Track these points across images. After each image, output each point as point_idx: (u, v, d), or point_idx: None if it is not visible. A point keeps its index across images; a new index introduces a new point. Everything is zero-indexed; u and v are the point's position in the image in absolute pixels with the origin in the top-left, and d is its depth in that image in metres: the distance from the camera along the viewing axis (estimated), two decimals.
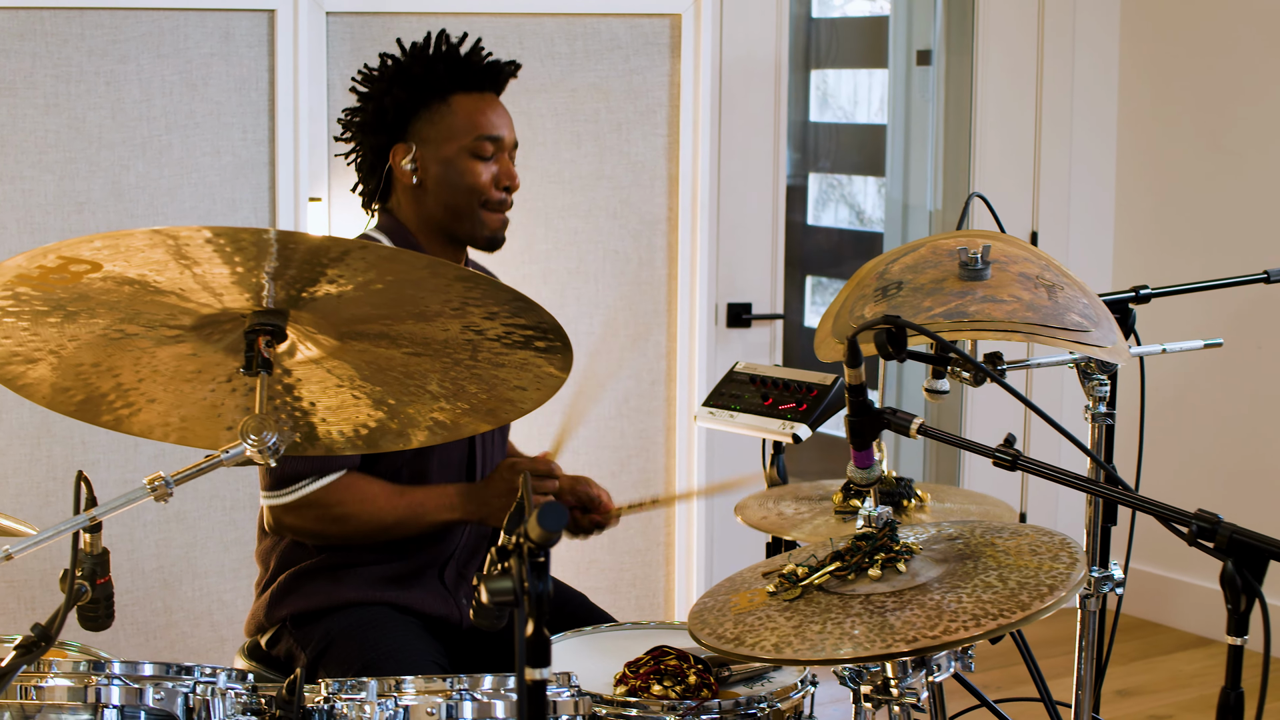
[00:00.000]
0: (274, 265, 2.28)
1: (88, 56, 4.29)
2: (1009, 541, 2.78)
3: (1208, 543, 2.37)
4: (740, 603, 2.78)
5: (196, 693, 2.51)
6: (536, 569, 1.88)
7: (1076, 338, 2.79)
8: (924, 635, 2.49)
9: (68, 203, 4.30)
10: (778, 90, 5.62)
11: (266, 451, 2.37)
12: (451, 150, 3.42)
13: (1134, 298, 3.46)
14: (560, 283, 4.79)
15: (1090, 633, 3.24)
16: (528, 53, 4.68)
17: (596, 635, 3.30)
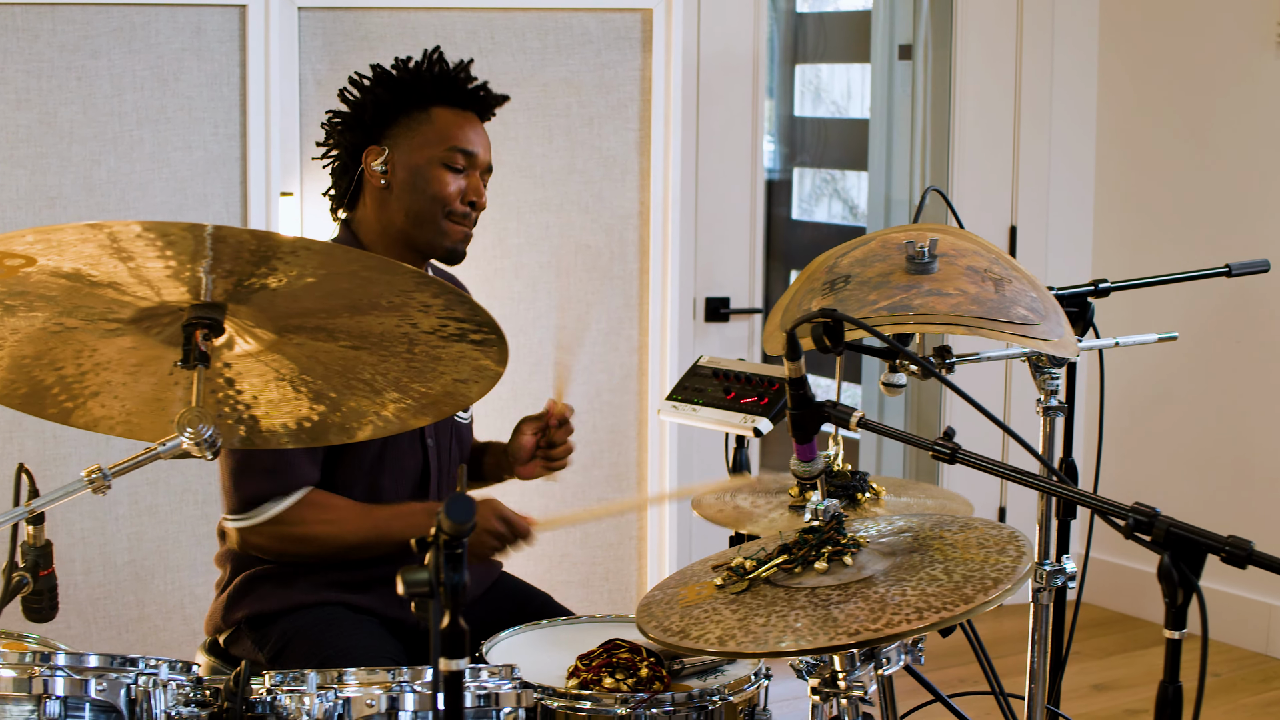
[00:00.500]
0: (210, 260, 2.29)
1: (59, 52, 4.30)
2: (957, 535, 2.79)
3: (1144, 536, 2.38)
4: (688, 596, 2.79)
5: (139, 684, 2.52)
6: (452, 561, 1.89)
7: (1021, 331, 2.80)
8: (866, 628, 2.50)
9: (39, 198, 4.32)
10: (756, 84, 5.62)
11: (203, 444, 2.39)
12: (423, 158, 3.41)
13: (1093, 291, 3.47)
14: (532, 277, 4.80)
15: (1043, 626, 3.25)
16: (499, 47, 4.69)
17: (553, 629, 3.31)
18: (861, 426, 2.65)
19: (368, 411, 2.63)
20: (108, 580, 4.49)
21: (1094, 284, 3.47)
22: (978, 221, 6.01)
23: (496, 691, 2.67)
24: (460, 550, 1.88)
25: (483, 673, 2.70)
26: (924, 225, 3.13)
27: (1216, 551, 2.33)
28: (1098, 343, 3.30)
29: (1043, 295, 2.96)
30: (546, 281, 4.81)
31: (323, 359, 2.53)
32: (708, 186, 5.60)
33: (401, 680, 2.61)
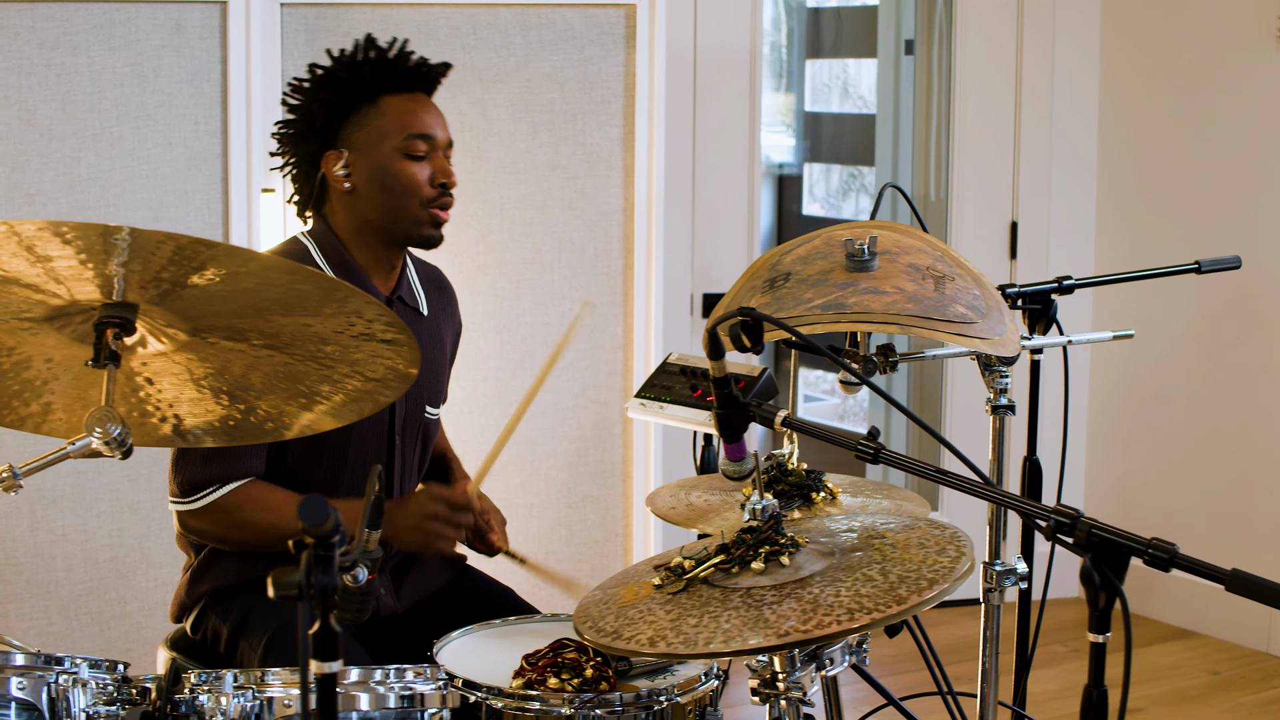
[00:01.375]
0: (122, 261, 2.29)
1: (38, 49, 4.31)
2: (900, 535, 2.76)
3: (1066, 538, 2.36)
4: (626, 595, 2.77)
5: (59, 683, 2.52)
6: (322, 563, 1.88)
7: (958, 329, 2.76)
8: (796, 629, 2.48)
9: (18, 195, 4.33)
10: (753, 78, 5.60)
11: (113, 444, 2.38)
12: (383, 152, 3.37)
13: (1057, 288, 3.44)
14: (516, 273, 4.79)
15: (994, 625, 3.21)
16: (482, 43, 4.68)
17: (506, 627, 3.29)
18: (786, 426, 2.63)
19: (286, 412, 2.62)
20: (89, 577, 4.50)
21: (1058, 281, 3.44)
22: (979, 217, 5.97)
23: (422, 691, 2.66)
24: (329, 554, 1.86)
25: (408, 673, 2.69)
26: (870, 223, 3.10)
27: (1140, 554, 2.31)
28: (1047, 340, 3.26)
29: (987, 293, 2.93)
30: (530, 278, 4.79)
31: (236, 360, 2.52)
32: (705, 181, 5.58)
33: None
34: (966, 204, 5.94)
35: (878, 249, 2.90)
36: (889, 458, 2.52)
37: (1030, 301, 3.42)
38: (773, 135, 7.46)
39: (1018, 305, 3.41)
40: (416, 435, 3.56)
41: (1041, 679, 5.24)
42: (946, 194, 6.01)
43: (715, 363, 2.61)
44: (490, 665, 3.00)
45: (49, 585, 4.47)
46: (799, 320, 2.78)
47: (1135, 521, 5.99)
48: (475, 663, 3.05)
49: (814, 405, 7.52)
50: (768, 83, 7.25)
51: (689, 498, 3.44)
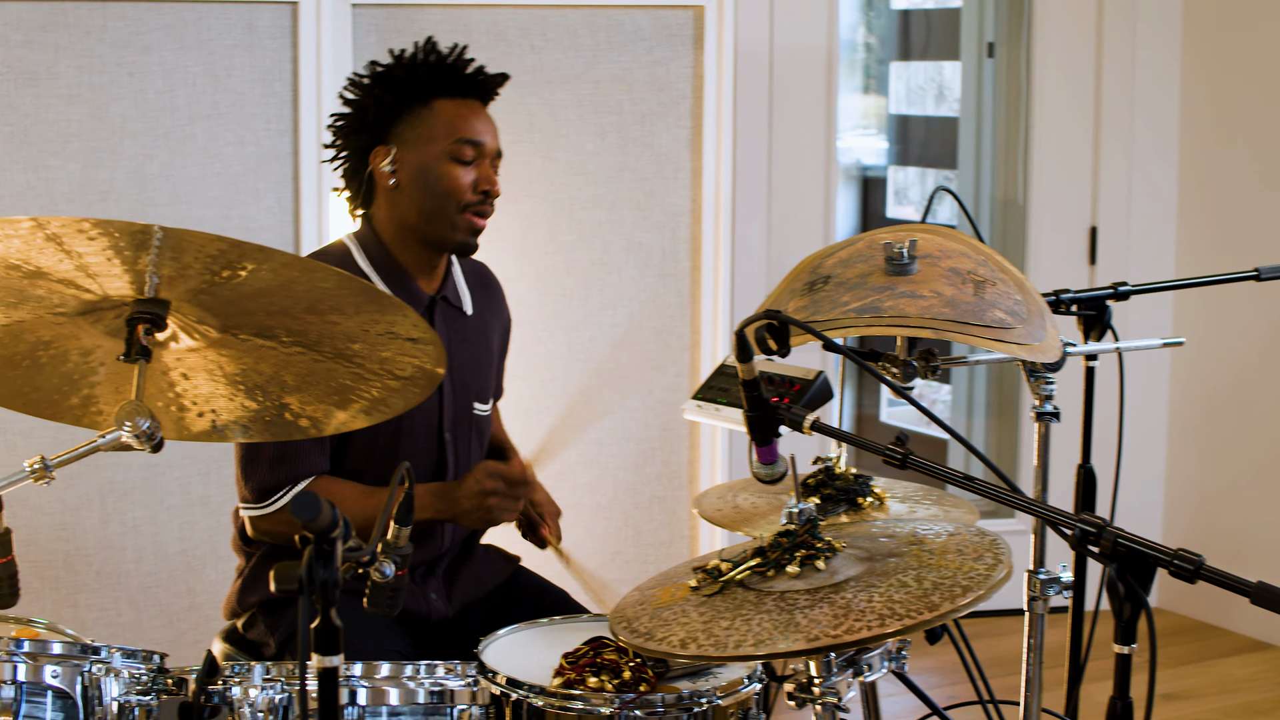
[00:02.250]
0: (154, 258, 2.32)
1: (110, 48, 4.37)
2: (939, 541, 2.75)
3: (1092, 548, 2.33)
4: (662, 597, 2.77)
5: (92, 672, 2.56)
6: (323, 557, 1.90)
7: (995, 335, 2.74)
8: (826, 634, 2.47)
9: (91, 192, 4.39)
10: (829, 79, 5.58)
11: (142, 437, 2.41)
12: (430, 153, 3.39)
13: (1112, 294, 3.41)
14: (584, 274, 4.80)
15: (1038, 634, 3.19)
16: (551, 44, 4.69)
17: (552, 627, 3.29)
18: (816, 430, 2.62)
19: (318, 410, 2.64)
20: (159, 569, 4.56)
21: (1114, 287, 3.40)
22: (1058, 222, 5.92)
23: (453, 688, 2.68)
24: (330, 549, 1.88)
25: (438, 669, 2.70)
26: (917, 226, 3.08)
27: (1165, 565, 2.28)
28: (1092, 347, 3.24)
29: (1029, 299, 2.91)
30: (598, 279, 4.81)
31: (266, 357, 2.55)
32: (780, 183, 5.57)
33: (350, 676, 2.62)
34: (1045, 208, 5.89)
35: (919, 253, 2.89)
36: (916, 463, 2.51)
37: (1085, 307, 3.39)
38: (860, 138, 7.42)
39: (1071, 311, 3.38)
40: (469, 432, 3.58)
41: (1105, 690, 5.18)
42: (1025, 198, 5.96)
43: (744, 365, 2.61)
44: (534, 664, 3.00)
45: (118, 577, 4.53)
46: (833, 323, 2.77)
47: (1218, 531, 5.93)
48: (520, 661, 3.05)
49: (899, 409, 7.48)
50: (855, 85, 7.22)
51: (736, 500, 3.44)
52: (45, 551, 4.46)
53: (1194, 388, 6.01)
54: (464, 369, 3.55)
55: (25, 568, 4.41)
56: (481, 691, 2.71)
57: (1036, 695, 3.20)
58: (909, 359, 3.04)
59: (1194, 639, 5.74)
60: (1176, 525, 6.08)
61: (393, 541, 2.57)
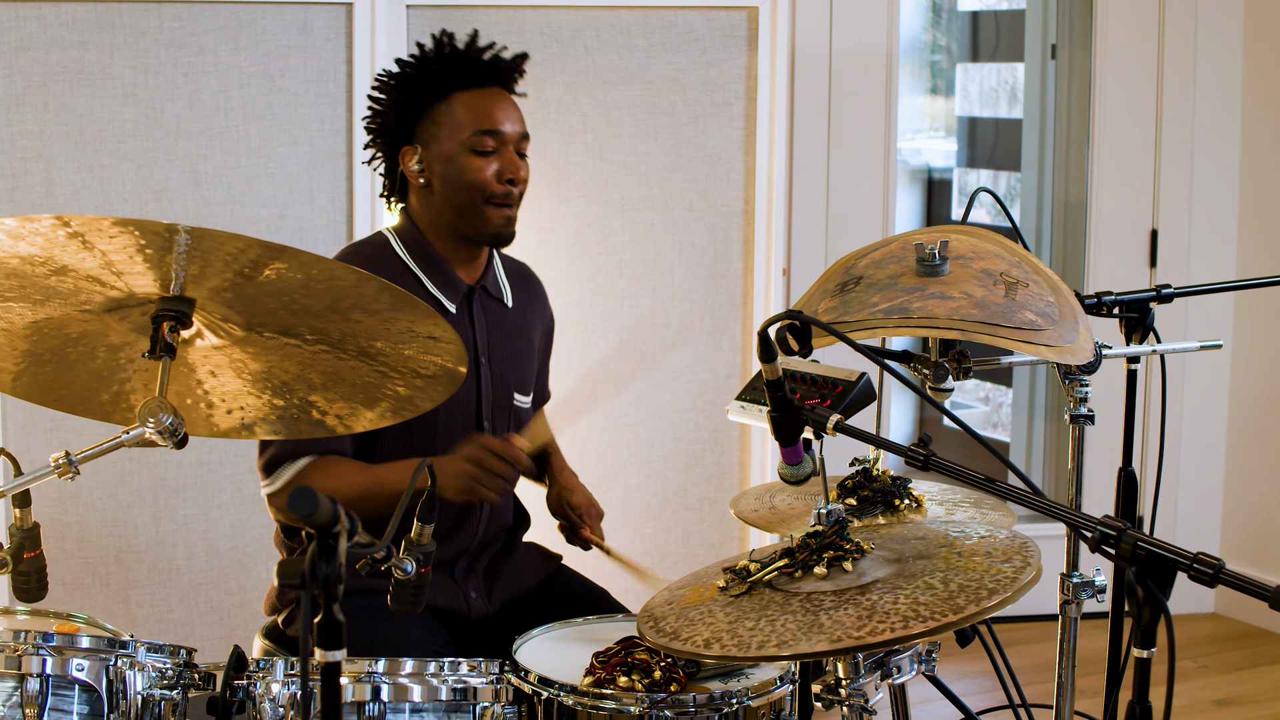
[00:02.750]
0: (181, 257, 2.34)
1: (166, 48, 4.41)
2: (970, 543, 2.73)
3: (1110, 550, 2.31)
4: (690, 597, 2.77)
5: (117, 665, 2.58)
6: (325, 552, 1.90)
7: (1023, 336, 2.72)
8: (849, 635, 2.47)
9: (145, 191, 4.43)
10: (889, 80, 5.56)
11: (165, 433, 2.43)
12: (453, 147, 3.41)
13: (1155, 297, 3.37)
14: (636, 275, 4.80)
15: (1071, 639, 3.16)
16: (605, 44, 4.70)
17: (588, 626, 3.29)
18: (839, 431, 2.61)
19: (343, 408, 2.65)
20: (210, 566, 4.59)
21: (1157, 289, 3.37)
22: (1119, 224, 5.87)
23: (476, 685, 2.68)
24: (333, 543, 1.89)
25: (462, 666, 2.71)
26: (951, 227, 3.07)
27: (1185, 569, 2.26)
28: (1128, 350, 3.20)
29: (1063, 300, 2.89)
30: (650, 279, 4.80)
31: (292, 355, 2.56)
32: (838, 184, 5.55)
33: (374, 672, 2.63)
34: (1106, 211, 5.84)
35: (952, 254, 2.87)
36: (939, 465, 2.50)
37: (1127, 310, 3.36)
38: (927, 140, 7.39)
39: (1113, 313, 3.35)
40: (508, 422, 3.59)
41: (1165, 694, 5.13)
42: (1087, 201, 5.91)
43: (767, 365, 2.61)
44: (568, 663, 3.00)
45: (170, 573, 4.57)
46: (861, 325, 2.76)
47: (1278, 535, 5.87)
48: (553, 660, 3.05)
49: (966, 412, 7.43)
50: (921, 86, 7.19)
51: (773, 501, 3.43)
52: (97, 548, 4.50)
53: (1253, 391, 5.94)
54: (503, 359, 3.56)
55: (77, 564, 4.49)
56: (505, 689, 2.71)
57: (1069, 700, 3.17)
58: (941, 360, 3.02)
59: (1250, 644, 5.69)
60: (1234, 530, 6.02)
61: (415, 539, 2.58)
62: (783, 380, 2.65)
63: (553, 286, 4.68)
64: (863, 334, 2.75)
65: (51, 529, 4.46)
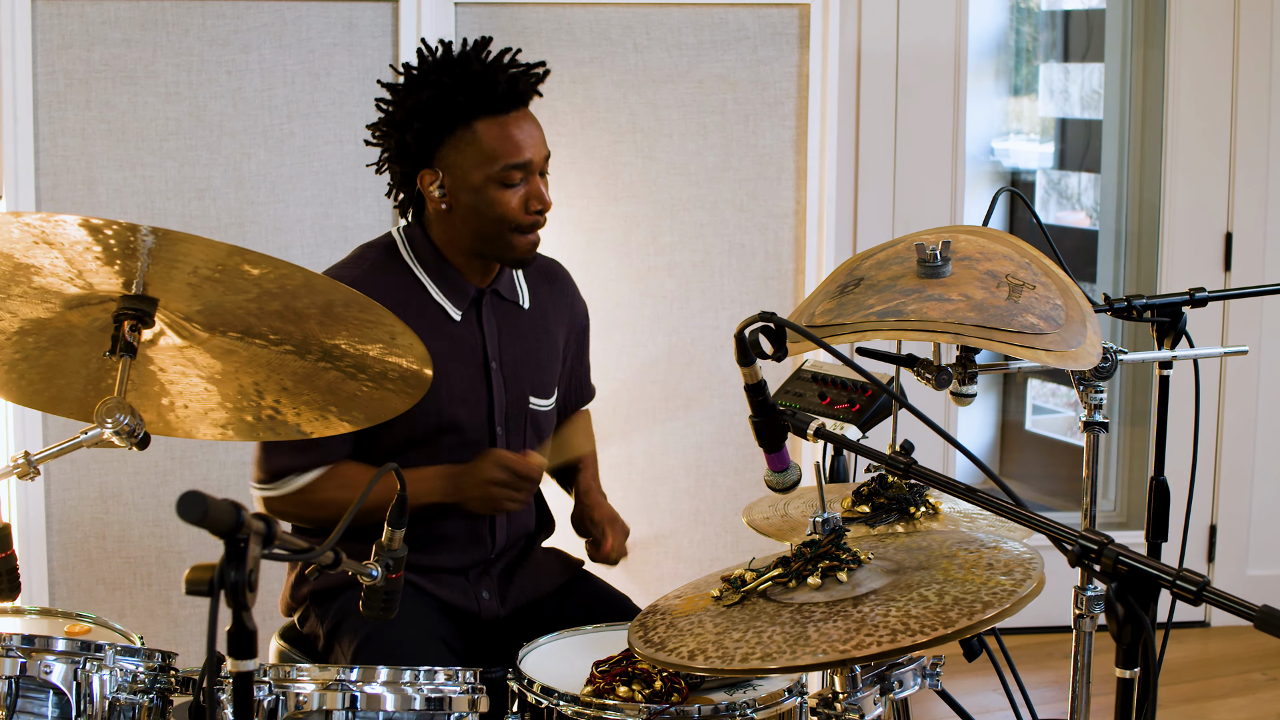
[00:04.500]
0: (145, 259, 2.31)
1: (209, 46, 4.40)
2: (972, 554, 2.65)
3: (1092, 565, 2.23)
4: (684, 606, 2.72)
5: (85, 668, 2.56)
6: (234, 558, 1.85)
7: (1022, 340, 2.63)
8: (834, 649, 2.40)
9: (188, 189, 4.42)
10: (958, 80, 5.47)
11: (123, 434, 2.40)
12: (478, 179, 3.33)
13: (1188, 300, 3.27)
14: (685, 276, 4.73)
15: (1085, 652, 3.05)
16: (654, 42, 4.63)
17: (598, 634, 3.23)
18: (819, 436, 2.54)
19: (307, 410, 2.62)
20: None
21: (1190, 293, 3.27)
22: (1191, 228, 5.73)
23: (448, 695, 2.63)
24: (243, 548, 1.84)
25: (438, 675, 2.66)
26: (961, 227, 2.97)
27: (1167, 585, 2.17)
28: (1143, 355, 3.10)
29: (1071, 303, 2.79)
30: (700, 281, 4.73)
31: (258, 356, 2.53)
32: (905, 185, 5.46)
33: (344, 680, 2.59)
34: (1179, 214, 5.71)
35: (959, 255, 2.78)
36: (920, 473, 2.42)
37: (1159, 314, 3.26)
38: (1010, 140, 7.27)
39: (1145, 317, 3.25)
40: (523, 426, 3.53)
41: (1233, 707, 5.01)
42: (1160, 203, 5.78)
43: (746, 369, 2.54)
44: (574, 671, 2.95)
45: None
46: (854, 327, 2.68)
47: None
48: (561, 668, 3.00)
49: (1046, 417, 7.30)
50: (1005, 86, 7.06)
51: (786, 509, 3.35)
52: (139, 548, 4.50)
53: None
54: (517, 362, 3.50)
55: (119, 564, 4.49)
56: (482, 700, 2.66)
57: (1084, 715, 3.06)
58: (943, 364, 2.94)
59: None
60: None
61: (386, 544, 2.54)
62: (763, 384, 2.58)
63: (601, 287, 4.64)
64: (854, 337, 2.67)
65: (93, 529, 4.47)
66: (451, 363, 3.39)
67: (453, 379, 3.39)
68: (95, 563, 4.48)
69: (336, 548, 2.25)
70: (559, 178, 4.63)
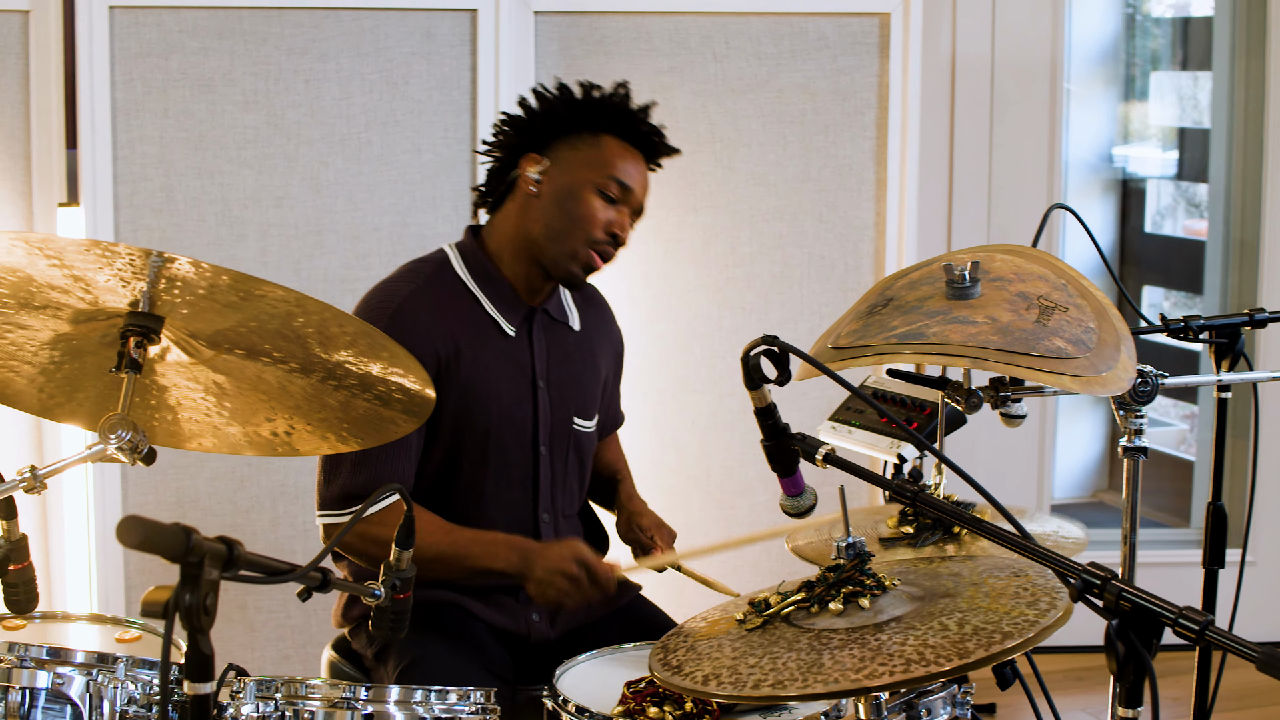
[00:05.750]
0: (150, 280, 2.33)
1: (286, 55, 4.43)
2: (1001, 581, 2.60)
3: (1095, 600, 2.17)
4: (709, 628, 2.69)
5: (98, 681, 2.57)
6: (188, 582, 1.85)
7: (1044, 365, 2.57)
8: (845, 677, 2.36)
9: (266, 197, 4.45)
10: (1054, 88, 5.38)
11: (125, 449, 2.41)
12: (580, 178, 3.35)
13: (1248, 321, 3.19)
14: (764, 287, 4.70)
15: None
16: (734, 52, 4.60)
17: (639, 652, 3.21)
18: (828, 462, 2.49)
19: (308, 429, 2.63)
20: None
21: (1249, 313, 3.19)
22: None
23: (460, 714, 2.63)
24: (196, 573, 1.83)
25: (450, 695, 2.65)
26: (997, 246, 2.91)
27: (1170, 623, 2.11)
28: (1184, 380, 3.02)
29: (1107, 327, 2.72)
30: (779, 292, 4.70)
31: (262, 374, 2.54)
32: (1001, 193, 5.38)
33: (350, 699, 2.58)
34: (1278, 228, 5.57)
35: (992, 275, 2.73)
36: (925, 501, 2.38)
37: (1218, 335, 3.18)
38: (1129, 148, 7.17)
39: (1202, 339, 3.17)
40: (566, 446, 3.52)
41: None
42: (1259, 217, 5.65)
43: (754, 393, 2.51)
44: (611, 691, 2.94)
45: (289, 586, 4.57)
46: (874, 351, 2.63)
47: None
48: (598, 688, 2.99)
49: (1160, 430, 7.19)
50: (1116, 93, 6.96)
51: (831, 532, 3.30)
52: None
53: None
54: (563, 383, 3.50)
55: (158, 570, 4.52)
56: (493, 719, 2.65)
57: None
58: (974, 388, 2.88)
59: None
60: None
61: (394, 564, 2.53)
62: (772, 408, 2.55)
63: (680, 299, 4.63)
64: (874, 360, 2.62)
65: None
66: (502, 378, 3.39)
67: (502, 395, 3.39)
68: (172, 567, 4.51)
69: (324, 568, 2.24)
70: None
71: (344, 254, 4.49)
